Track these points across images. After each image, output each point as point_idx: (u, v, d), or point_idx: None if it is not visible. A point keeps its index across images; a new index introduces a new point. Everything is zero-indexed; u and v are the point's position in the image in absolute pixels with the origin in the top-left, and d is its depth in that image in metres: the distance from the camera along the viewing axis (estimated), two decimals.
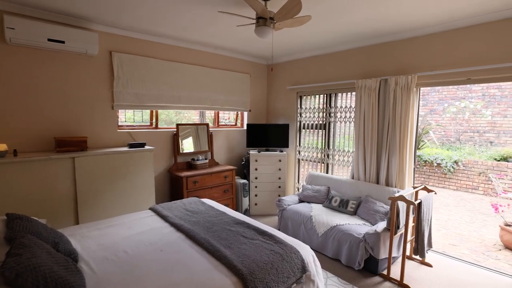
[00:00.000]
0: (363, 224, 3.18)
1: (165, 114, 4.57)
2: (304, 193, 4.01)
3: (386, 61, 3.60)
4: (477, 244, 3.91)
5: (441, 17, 2.89)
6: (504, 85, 6.77)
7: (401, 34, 3.39)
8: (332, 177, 4.03)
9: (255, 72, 4.92)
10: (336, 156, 4.29)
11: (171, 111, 4.63)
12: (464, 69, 2.98)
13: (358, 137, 3.76)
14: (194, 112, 4.56)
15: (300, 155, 4.75)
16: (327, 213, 3.48)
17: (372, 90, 3.59)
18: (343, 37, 3.65)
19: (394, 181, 3.47)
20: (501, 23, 2.78)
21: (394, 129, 3.43)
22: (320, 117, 4.44)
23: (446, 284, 2.76)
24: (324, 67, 4.26)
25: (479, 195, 6.33)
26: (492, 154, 6.47)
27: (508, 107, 6.78)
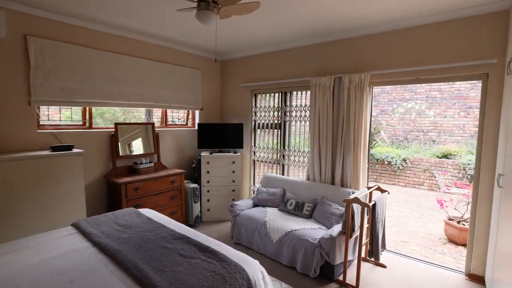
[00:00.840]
0: (318, 228, 3.04)
1: (110, 112, 4.03)
2: (258, 196, 3.78)
3: (341, 58, 3.52)
4: (425, 239, 4.03)
5: (391, 14, 2.85)
6: (444, 88, 7.29)
7: (355, 31, 3.33)
8: (287, 179, 3.86)
9: (207, 68, 4.58)
10: (292, 156, 4.14)
11: (118, 110, 4.10)
12: (413, 69, 2.99)
13: (313, 137, 3.64)
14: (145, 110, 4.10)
15: (255, 156, 4.53)
16: (282, 218, 3.29)
17: (327, 88, 3.48)
18: (297, 33, 3.49)
19: (349, 181, 3.39)
20: (448, 23, 2.82)
21: (349, 129, 3.35)
22: (275, 116, 4.26)
23: (400, 285, 2.72)
24: (279, 64, 4.08)
25: (424, 190, 6.72)
26: (435, 152, 6.91)
27: (447, 108, 7.31)
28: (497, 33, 2.60)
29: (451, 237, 3.92)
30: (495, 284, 2.27)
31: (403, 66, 3.06)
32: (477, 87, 6.90)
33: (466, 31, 2.74)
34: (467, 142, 6.96)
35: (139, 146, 3.75)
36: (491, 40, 2.63)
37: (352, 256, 3.01)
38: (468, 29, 2.73)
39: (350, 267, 2.99)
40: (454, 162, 6.40)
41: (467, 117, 7.09)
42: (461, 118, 7.13)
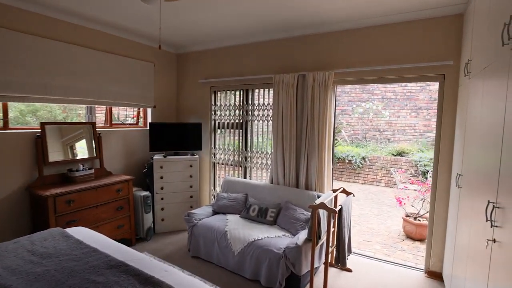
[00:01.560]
0: (283, 236, 2.84)
1: (45, 110, 3.39)
2: (219, 203, 3.48)
3: (304, 55, 3.36)
4: (386, 237, 4.08)
5: (353, 11, 2.74)
6: (397, 90, 7.64)
7: (318, 27, 3.18)
8: (250, 183, 3.62)
9: (161, 61, 4.15)
10: (254, 158, 3.90)
11: (56, 107, 3.47)
12: (376, 68, 2.92)
13: (276, 137, 3.44)
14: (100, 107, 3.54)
15: (215, 158, 4.21)
16: (244, 226, 3.03)
17: (290, 86, 3.30)
18: (259, 26, 3.25)
19: (314, 183, 3.25)
20: (408, 24, 2.79)
21: (313, 129, 3.20)
22: (237, 115, 3.98)
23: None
24: (241, 59, 3.81)
25: (382, 187, 6.96)
26: (391, 150, 7.20)
27: (400, 109, 7.67)
28: (452, 36, 2.62)
29: (409, 233, 4.01)
30: (454, 280, 2.27)
31: (366, 65, 2.99)
32: (425, 89, 7.34)
33: (424, 33, 2.73)
34: (417, 140, 7.37)
35: (79, 150, 3.22)
36: (447, 42, 2.64)
37: (318, 263, 2.86)
38: (426, 31, 2.72)
39: (317, 274, 2.84)
40: (408, 160, 6.72)
41: (417, 117, 7.50)
42: (412, 118, 7.54)
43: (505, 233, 1.35)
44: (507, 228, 1.34)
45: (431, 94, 7.21)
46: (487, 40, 1.74)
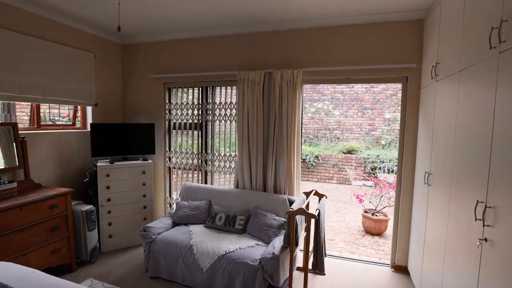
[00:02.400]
0: (256, 245, 2.62)
1: None
2: (179, 213, 3.10)
3: (271, 52, 3.18)
4: (347, 234, 4.16)
5: (321, 10, 2.65)
6: (346, 90, 8.05)
7: (286, 23, 3.04)
8: (213, 188, 3.31)
9: (103, 51, 3.56)
10: (216, 161, 3.60)
11: None
12: (344, 68, 2.90)
13: (242, 139, 3.20)
14: (26, 104, 2.82)
15: (171, 162, 3.79)
16: (211, 237, 2.73)
17: (256, 84, 3.09)
18: (222, 18, 2.97)
19: (283, 186, 3.11)
20: (374, 26, 2.82)
21: (281, 129, 3.05)
22: (195, 115, 3.63)
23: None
24: (200, 53, 3.46)
25: (334, 184, 7.25)
26: (341, 148, 7.54)
27: (348, 109, 8.10)
28: (415, 40, 2.72)
29: (368, 228, 4.15)
30: (425, 273, 2.34)
31: (335, 65, 2.95)
32: (370, 91, 7.88)
33: (389, 35, 2.79)
34: (364, 138, 7.88)
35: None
36: (410, 46, 2.74)
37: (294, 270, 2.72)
38: (390, 34, 2.78)
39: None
40: (357, 157, 7.12)
41: (363, 117, 8.02)
42: (359, 117, 8.03)
43: (495, 231, 1.35)
44: (498, 227, 1.35)
45: (375, 95, 7.77)
46: (464, 44, 1.77)
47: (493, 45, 1.40)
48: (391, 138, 7.60)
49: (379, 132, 7.83)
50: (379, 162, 6.65)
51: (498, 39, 1.35)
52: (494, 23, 1.40)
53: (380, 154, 6.80)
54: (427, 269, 2.32)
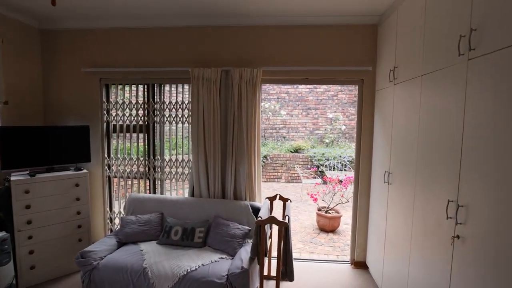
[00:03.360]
0: (220, 259, 2.39)
1: None
2: (126, 230, 2.67)
3: (229, 49, 2.96)
4: (303, 233, 4.19)
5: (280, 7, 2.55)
6: (291, 90, 8.24)
7: (244, 19, 2.86)
8: (165, 198, 2.95)
9: (14, 35, 2.86)
10: (167, 168, 3.23)
11: None
12: (303, 68, 2.86)
13: (197, 142, 2.91)
14: None
15: (111, 171, 3.27)
16: (168, 255, 2.40)
17: (212, 83, 2.84)
18: (173, 7, 2.63)
19: (244, 192, 2.93)
20: (333, 28, 2.83)
21: (241, 131, 2.87)
22: (140, 116, 3.19)
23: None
24: (146, 46, 3.04)
25: (283, 183, 7.35)
26: (288, 147, 7.69)
27: (293, 109, 8.32)
28: (370, 44, 2.82)
29: (323, 226, 4.26)
30: (386, 267, 2.44)
31: (294, 65, 2.88)
32: (313, 91, 8.22)
33: (347, 38, 2.84)
34: (309, 137, 8.19)
35: None
36: (366, 50, 2.83)
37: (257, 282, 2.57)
38: (348, 36, 2.84)
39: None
40: (304, 156, 7.34)
41: (307, 117, 8.33)
42: (303, 117, 8.31)
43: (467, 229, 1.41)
44: (470, 225, 1.41)
45: (318, 95, 8.14)
46: (426, 50, 1.84)
47: (462, 52, 1.46)
48: (334, 137, 8.07)
49: (323, 131, 8.23)
50: (324, 160, 6.98)
51: (468, 46, 1.40)
52: (463, 31, 1.45)
53: (325, 152, 7.14)
54: (389, 264, 2.41)
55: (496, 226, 1.22)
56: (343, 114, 8.25)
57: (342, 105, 8.25)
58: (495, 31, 1.25)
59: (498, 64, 1.22)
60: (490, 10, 1.29)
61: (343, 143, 8.02)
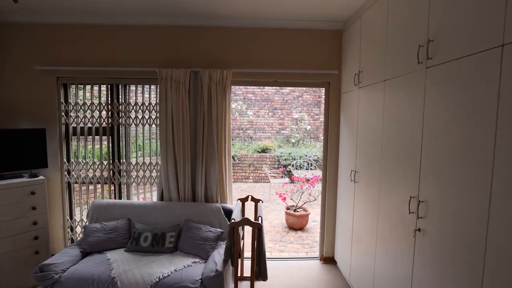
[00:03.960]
0: (193, 263, 2.36)
1: None
2: (89, 238, 2.51)
3: (198, 50, 2.92)
4: (273, 232, 4.27)
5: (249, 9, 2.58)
6: (257, 91, 8.32)
7: (214, 20, 2.83)
8: (133, 204, 2.82)
9: None
10: (134, 171, 3.09)
11: None
12: (272, 71, 2.92)
13: (165, 144, 2.83)
14: None
15: (71, 176, 3.05)
16: (137, 263, 2.31)
17: (181, 84, 2.78)
18: (139, 3, 2.52)
19: (215, 194, 2.91)
20: (301, 32, 2.92)
21: (211, 132, 2.84)
22: (103, 118, 3.01)
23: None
24: (109, 44, 2.88)
25: (251, 183, 7.40)
26: (256, 147, 7.76)
27: (260, 109, 8.41)
28: (336, 49, 2.96)
29: (292, 224, 4.37)
30: (354, 261, 2.59)
31: (264, 67, 2.93)
32: (280, 92, 8.39)
33: (314, 42, 2.95)
34: (276, 137, 8.34)
35: None
36: (332, 54, 2.96)
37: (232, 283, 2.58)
38: (315, 41, 2.95)
39: None
40: (271, 155, 7.46)
41: (273, 117, 8.47)
42: (270, 117, 8.44)
43: (427, 222, 1.56)
44: (429, 218, 1.56)
45: (284, 96, 8.32)
46: (388, 58, 1.98)
47: (421, 60, 1.60)
48: (299, 136, 8.31)
49: (289, 131, 8.44)
50: (291, 159, 7.17)
51: (426, 55, 1.55)
52: (421, 41, 1.60)
53: (291, 152, 7.33)
54: (356, 258, 2.55)
55: (451, 219, 1.36)
56: (308, 114, 8.53)
57: (307, 106, 8.53)
58: (448, 43, 1.39)
59: (451, 73, 1.37)
60: (444, 23, 1.43)
61: (309, 143, 8.30)
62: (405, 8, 1.79)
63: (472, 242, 1.23)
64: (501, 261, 1.09)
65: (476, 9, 1.23)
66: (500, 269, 1.09)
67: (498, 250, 1.10)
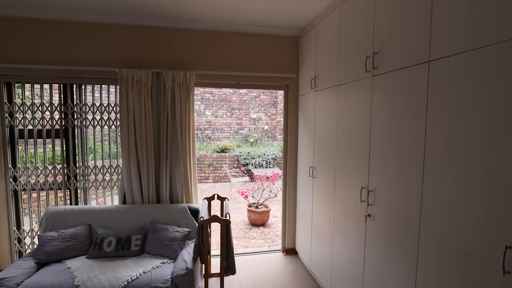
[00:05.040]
0: (162, 264, 2.37)
1: None
2: (46, 248, 2.36)
3: (160, 51, 2.90)
4: (236, 230, 4.40)
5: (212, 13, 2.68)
6: (215, 91, 8.33)
7: (178, 22, 2.84)
8: (93, 209, 2.71)
9: None
10: (92, 175, 2.96)
11: None
12: (234, 73, 3.03)
13: (127, 146, 2.77)
14: None
15: (17, 183, 2.80)
16: (103, 268, 2.25)
17: (143, 85, 2.75)
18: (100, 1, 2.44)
19: (180, 195, 2.93)
20: (262, 36, 3.08)
21: (175, 134, 2.86)
22: (56, 119, 2.83)
23: (253, 285, 2.75)
24: (63, 40, 2.71)
25: (211, 183, 7.40)
26: (215, 147, 7.78)
27: (218, 109, 8.44)
28: (294, 54, 3.18)
29: (254, 221, 4.54)
30: (314, 250, 2.84)
31: (226, 70, 3.03)
32: (237, 92, 8.51)
33: (274, 47, 3.13)
34: (234, 137, 8.45)
35: None
36: (290, 59, 3.18)
37: (201, 279, 2.64)
38: (276, 45, 3.13)
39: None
40: (230, 155, 7.55)
41: (231, 117, 8.57)
42: (228, 117, 8.52)
43: (375, 208, 1.83)
44: (377, 205, 1.83)
45: (241, 96, 8.46)
46: (341, 65, 2.24)
47: (368, 69, 1.87)
48: (258, 136, 8.53)
49: (247, 130, 8.61)
50: (250, 158, 7.34)
51: (372, 65, 1.81)
52: (368, 53, 1.86)
53: (250, 151, 7.51)
54: (316, 247, 2.80)
55: (395, 205, 1.63)
56: (265, 114, 8.81)
57: (264, 106, 8.80)
58: (389, 56, 1.66)
59: (392, 81, 1.64)
60: (386, 40, 1.70)
61: (267, 142, 8.58)
62: (355, 23, 2.05)
63: (409, 223, 1.50)
64: (431, 236, 1.36)
65: (410, 31, 1.50)
66: (429, 242, 1.37)
67: (428, 228, 1.37)
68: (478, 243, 1.13)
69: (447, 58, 1.26)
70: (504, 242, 1.03)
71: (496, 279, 1.06)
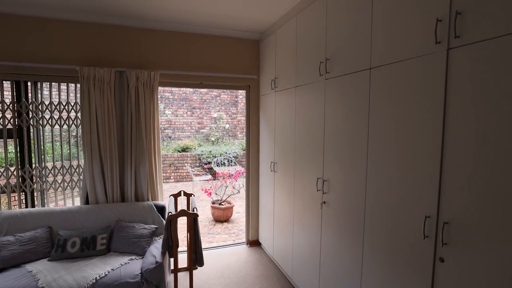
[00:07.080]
0: (130, 261, 2.41)
1: None
2: (2, 253, 2.25)
3: (123, 50, 2.89)
4: (200, 226, 4.47)
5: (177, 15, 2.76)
6: (175, 90, 8.23)
7: (141, 21, 2.86)
8: (53, 210, 2.63)
9: None
10: (50, 176, 2.84)
11: None
12: (198, 73, 3.14)
13: (90, 145, 2.73)
14: None
15: None
16: (68, 269, 2.22)
17: (106, 84, 2.73)
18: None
19: (145, 193, 2.96)
20: (226, 39, 3.22)
21: (140, 133, 2.88)
22: (7, 118, 2.67)
23: (220, 276, 2.90)
24: (18, 36, 2.56)
25: (172, 183, 7.31)
26: (176, 147, 7.70)
27: (178, 108, 8.35)
28: (255, 56, 3.38)
29: (218, 217, 4.67)
30: (276, 240, 3.08)
31: (190, 70, 3.12)
32: (198, 91, 8.49)
33: (237, 49, 3.30)
34: (195, 136, 8.42)
35: None
36: (252, 60, 3.37)
37: (169, 272, 2.72)
38: (238, 47, 3.30)
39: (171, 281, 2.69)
40: (192, 154, 7.53)
41: (192, 116, 8.53)
42: (189, 116, 8.47)
43: (329, 196, 2.11)
44: (330, 193, 2.11)
45: (202, 96, 8.46)
46: (298, 68, 2.49)
47: (321, 73, 2.13)
48: (219, 135, 8.61)
49: (208, 129, 8.65)
50: (212, 157, 7.41)
51: (325, 69, 2.08)
52: (321, 59, 2.13)
53: (212, 150, 7.58)
54: (278, 237, 3.03)
55: (345, 193, 1.91)
56: (226, 113, 8.93)
57: (225, 105, 8.91)
58: (338, 62, 1.94)
59: (342, 84, 1.91)
60: (335, 47, 1.97)
61: (228, 141, 8.71)
62: (310, 31, 2.31)
63: (357, 206, 1.79)
64: (373, 216, 1.66)
65: (355, 41, 1.78)
66: (373, 221, 1.66)
67: (372, 210, 1.67)
68: (405, 216, 1.43)
69: (382, 67, 1.56)
70: (424, 213, 1.34)
71: (419, 242, 1.36)
